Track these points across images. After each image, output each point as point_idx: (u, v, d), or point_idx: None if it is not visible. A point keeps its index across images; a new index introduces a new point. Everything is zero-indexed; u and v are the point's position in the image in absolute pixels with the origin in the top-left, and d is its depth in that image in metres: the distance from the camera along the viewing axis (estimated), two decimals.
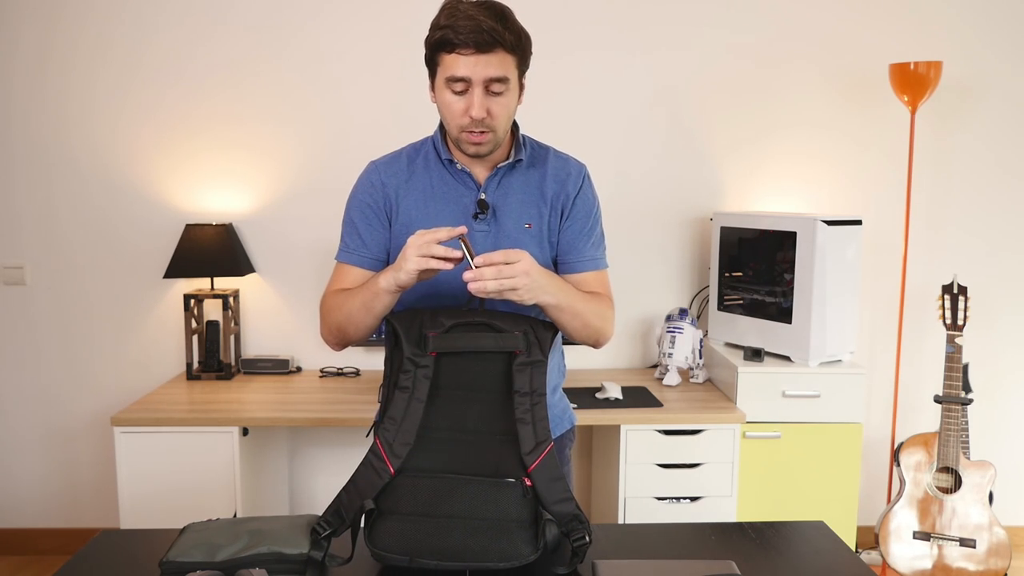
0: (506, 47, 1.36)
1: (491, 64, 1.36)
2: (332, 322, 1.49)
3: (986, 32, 2.94)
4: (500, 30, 1.34)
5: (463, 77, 1.36)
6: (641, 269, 3.01)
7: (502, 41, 1.34)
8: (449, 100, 1.41)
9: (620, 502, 2.46)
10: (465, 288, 1.34)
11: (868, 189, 3.01)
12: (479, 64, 1.35)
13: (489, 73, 1.36)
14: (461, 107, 1.40)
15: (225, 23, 2.86)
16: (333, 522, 1.26)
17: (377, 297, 1.39)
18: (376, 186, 1.52)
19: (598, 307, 1.50)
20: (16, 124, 2.88)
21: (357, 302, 1.43)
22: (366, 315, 1.42)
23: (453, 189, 1.50)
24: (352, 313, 1.44)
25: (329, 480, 3.03)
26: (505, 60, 1.37)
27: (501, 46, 1.35)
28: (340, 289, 1.50)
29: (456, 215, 1.49)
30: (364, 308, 1.42)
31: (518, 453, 1.30)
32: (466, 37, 1.33)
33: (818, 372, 2.54)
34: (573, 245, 1.55)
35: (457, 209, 1.49)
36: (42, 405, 2.99)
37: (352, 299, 1.44)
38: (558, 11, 2.88)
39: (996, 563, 2.52)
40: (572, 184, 1.55)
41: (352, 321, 1.45)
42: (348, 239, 1.53)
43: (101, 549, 1.36)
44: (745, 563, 1.32)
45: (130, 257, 2.93)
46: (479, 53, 1.34)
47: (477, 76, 1.36)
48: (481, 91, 1.38)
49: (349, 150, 2.89)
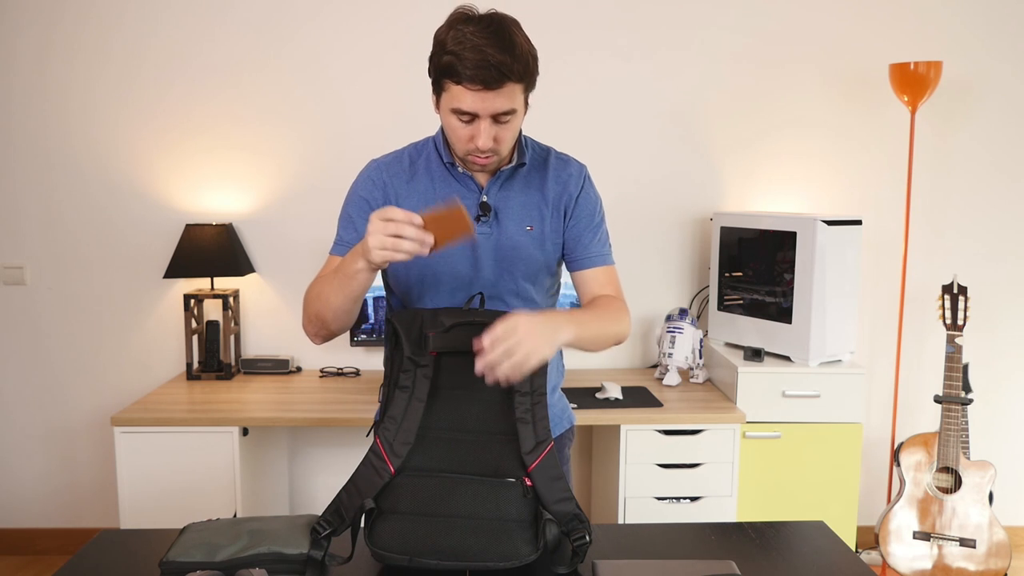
0: (514, 79, 1.32)
1: (499, 99, 1.32)
2: (311, 311, 1.43)
3: (986, 32, 2.94)
4: (508, 63, 1.29)
5: (470, 112, 1.34)
6: (641, 269, 3.01)
7: (510, 75, 1.30)
8: (455, 126, 1.38)
9: (620, 502, 2.46)
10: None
11: (868, 189, 3.01)
12: (487, 100, 1.32)
13: (496, 108, 1.33)
14: (467, 134, 1.37)
15: (225, 23, 2.86)
16: (333, 521, 1.26)
17: (354, 278, 1.32)
18: (377, 184, 1.50)
19: (610, 313, 1.46)
20: (16, 124, 2.88)
21: (334, 284, 1.37)
22: (344, 298, 1.36)
23: (455, 192, 1.49)
24: (329, 298, 1.38)
25: (329, 480, 3.03)
26: (513, 92, 1.34)
27: (509, 80, 1.31)
28: (319, 277, 1.46)
29: None
30: (340, 290, 1.36)
31: (518, 453, 1.30)
32: (473, 73, 1.29)
33: (818, 372, 2.54)
34: (579, 243, 1.54)
35: None
36: (42, 405, 2.99)
37: (329, 283, 1.39)
38: (559, 13, 2.88)
39: (996, 563, 2.52)
40: (574, 185, 1.54)
41: (330, 306, 1.39)
42: (343, 232, 1.50)
43: (101, 549, 1.36)
44: (745, 563, 1.32)
45: (130, 257, 2.93)
46: (487, 90, 1.30)
47: (484, 112, 1.33)
48: (488, 123, 1.35)
49: (349, 150, 2.89)
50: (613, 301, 1.50)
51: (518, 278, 1.50)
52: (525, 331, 1.19)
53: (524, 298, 1.53)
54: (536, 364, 1.20)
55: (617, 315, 1.47)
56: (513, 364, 1.17)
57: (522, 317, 1.20)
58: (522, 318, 1.20)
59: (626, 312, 1.50)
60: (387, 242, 1.21)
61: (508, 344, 1.17)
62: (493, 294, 1.49)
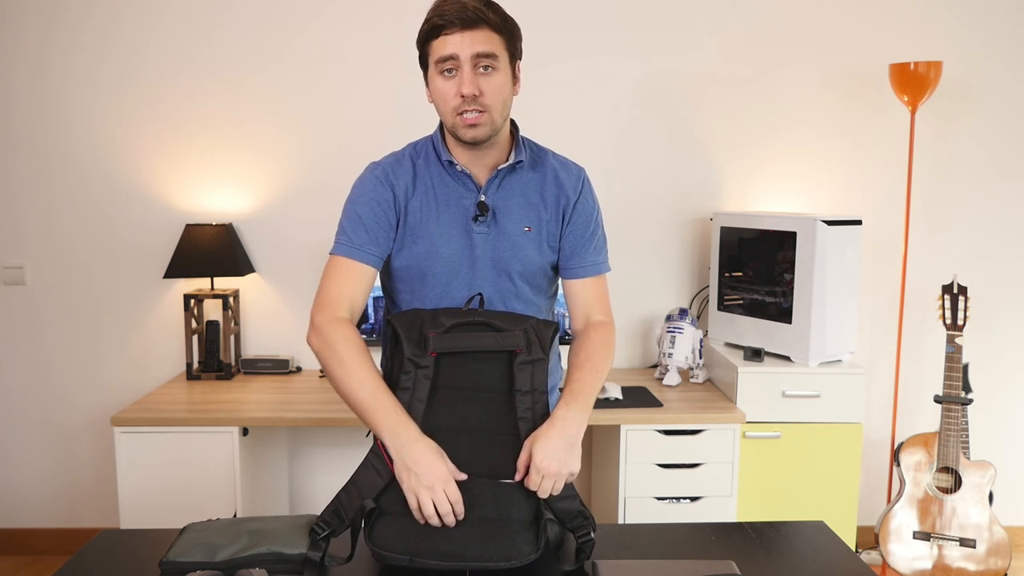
0: (491, 25, 1.39)
1: (477, 40, 1.38)
2: (326, 363, 1.39)
3: (986, 32, 2.94)
4: (484, 9, 1.39)
5: (451, 55, 1.39)
6: (641, 269, 3.01)
7: (487, 19, 1.39)
8: (441, 87, 1.42)
9: (620, 502, 2.46)
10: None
11: (868, 189, 3.01)
12: (465, 40, 1.38)
13: (476, 48, 1.38)
14: (453, 90, 1.41)
15: (226, 24, 2.86)
16: (331, 523, 1.26)
17: (374, 429, 1.32)
18: (387, 185, 1.49)
19: (602, 361, 1.47)
20: (17, 124, 2.88)
21: (359, 400, 1.33)
22: (352, 407, 1.35)
23: (453, 191, 1.49)
24: (348, 391, 1.35)
25: (329, 480, 3.03)
26: (491, 38, 1.40)
27: (486, 23, 1.39)
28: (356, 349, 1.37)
29: (457, 217, 1.48)
30: (355, 408, 1.34)
31: (519, 452, 1.30)
32: (451, 17, 1.37)
33: (818, 372, 2.54)
34: (575, 251, 1.55)
35: (458, 211, 1.48)
36: (42, 405, 2.99)
37: (356, 388, 1.34)
38: (559, 14, 2.88)
39: (996, 563, 2.52)
40: (572, 188, 1.54)
41: (341, 391, 1.37)
42: (352, 235, 1.46)
43: (101, 549, 1.36)
44: (745, 563, 1.32)
45: (130, 257, 2.93)
46: (464, 30, 1.38)
47: (464, 53, 1.38)
48: (470, 68, 1.39)
49: (349, 150, 2.89)
50: (600, 336, 1.51)
51: (515, 279, 1.50)
52: (556, 467, 1.27)
53: (523, 300, 1.53)
54: (577, 468, 1.31)
55: (606, 355, 1.49)
56: (555, 488, 1.28)
57: (549, 456, 1.27)
58: (550, 459, 1.27)
59: (612, 339, 1.53)
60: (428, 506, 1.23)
61: (547, 480, 1.27)
62: (491, 295, 1.49)
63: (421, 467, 1.23)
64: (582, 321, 1.56)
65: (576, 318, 1.57)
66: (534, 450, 1.28)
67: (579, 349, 1.50)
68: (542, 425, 1.32)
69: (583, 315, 1.56)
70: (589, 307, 1.56)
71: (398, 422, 1.28)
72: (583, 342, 1.51)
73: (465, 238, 1.48)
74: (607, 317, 1.56)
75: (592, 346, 1.49)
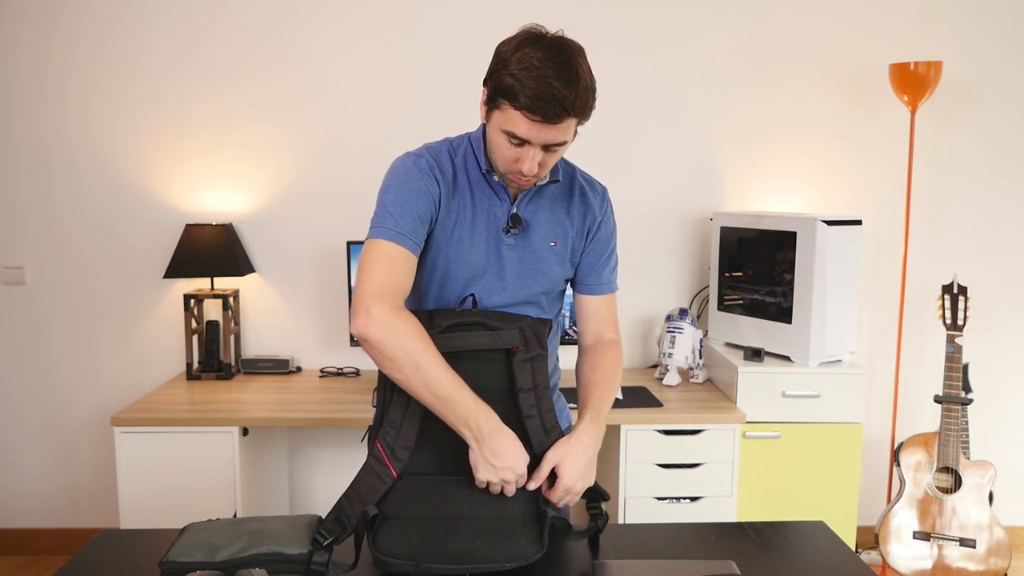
0: (573, 114, 1.29)
1: (554, 131, 1.30)
2: (392, 355, 1.28)
3: (986, 32, 2.94)
4: (570, 99, 1.26)
5: (523, 139, 1.31)
6: (641, 269, 3.01)
7: (571, 111, 1.28)
8: (503, 145, 1.35)
9: (620, 502, 2.46)
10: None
11: (868, 189, 3.01)
12: (542, 131, 1.30)
13: (550, 139, 1.31)
14: (513, 156, 1.35)
15: (225, 24, 2.86)
16: (334, 530, 1.25)
17: (450, 419, 1.28)
18: (433, 179, 1.42)
19: (613, 376, 1.52)
20: (16, 124, 2.88)
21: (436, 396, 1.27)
22: (422, 390, 1.28)
23: (488, 199, 1.47)
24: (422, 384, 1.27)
25: (329, 480, 3.03)
26: (569, 125, 1.32)
27: (569, 115, 1.28)
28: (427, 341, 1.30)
29: (488, 225, 1.47)
30: (434, 405, 1.28)
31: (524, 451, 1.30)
32: (534, 104, 1.25)
33: (818, 372, 2.54)
34: (593, 268, 1.57)
35: (489, 220, 1.47)
36: (42, 405, 2.99)
37: (435, 381, 1.27)
38: (559, 13, 2.88)
39: (996, 563, 2.52)
40: (598, 207, 1.55)
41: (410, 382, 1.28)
42: (401, 220, 1.36)
43: (101, 549, 1.36)
44: (745, 563, 1.32)
45: (130, 257, 2.93)
46: (544, 123, 1.28)
47: (537, 141, 1.31)
48: (537, 150, 1.33)
49: (349, 150, 2.89)
50: (615, 354, 1.56)
51: (537, 291, 1.51)
52: (582, 485, 1.33)
53: (538, 307, 1.54)
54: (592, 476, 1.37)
55: (619, 373, 1.54)
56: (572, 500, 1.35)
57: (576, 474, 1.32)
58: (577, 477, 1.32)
59: (620, 354, 1.58)
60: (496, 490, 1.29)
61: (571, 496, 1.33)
62: (511, 302, 1.49)
63: (502, 461, 1.26)
64: (593, 337, 1.58)
65: (587, 333, 1.59)
66: (563, 469, 1.31)
67: (595, 366, 1.52)
68: (568, 442, 1.34)
69: (594, 331, 1.59)
70: (601, 324, 1.59)
71: (480, 414, 1.28)
72: (598, 360, 1.53)
73: (493, 247, 1.47)
74: (617, 335, 1.60)
75: (609, 365, 1.52)
